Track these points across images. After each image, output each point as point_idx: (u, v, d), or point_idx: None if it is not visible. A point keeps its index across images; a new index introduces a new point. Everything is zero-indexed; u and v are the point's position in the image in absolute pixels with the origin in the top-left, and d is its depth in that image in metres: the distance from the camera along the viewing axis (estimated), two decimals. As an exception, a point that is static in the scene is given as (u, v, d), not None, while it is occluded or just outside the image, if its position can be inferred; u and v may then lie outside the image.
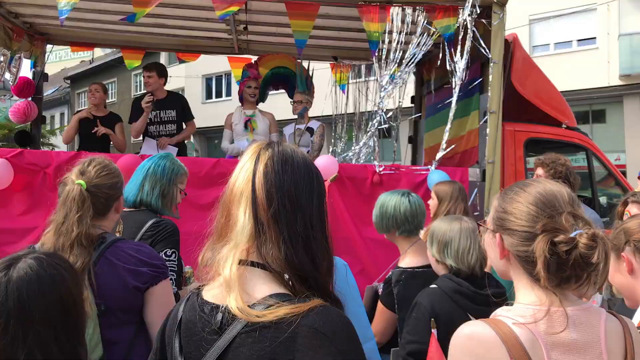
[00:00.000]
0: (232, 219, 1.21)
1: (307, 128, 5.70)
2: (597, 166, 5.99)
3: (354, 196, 4.72)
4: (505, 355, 1.25)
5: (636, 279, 1.80)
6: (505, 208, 1.42)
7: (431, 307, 2.29)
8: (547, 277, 1.29)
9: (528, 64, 5.70)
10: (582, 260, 1.27)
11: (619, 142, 18.24)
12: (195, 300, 1.26)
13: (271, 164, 1.22)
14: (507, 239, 1.39)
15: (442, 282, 2.40)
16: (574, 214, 1.33)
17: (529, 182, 1.45)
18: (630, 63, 17.73)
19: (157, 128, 5.91)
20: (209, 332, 1.18)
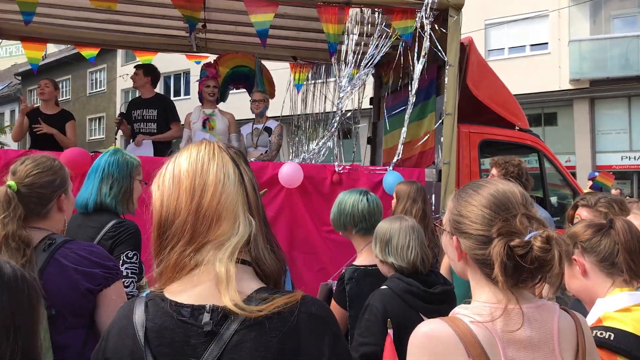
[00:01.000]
0: (214, 219, 1.17)
1: (265, 127, 5.67)
2: (549, 167, 6.18)
3: (313, 196, 4.74)
4: (463, 353, 1.26)
5: (590, 279, 1.84)
6: (460, 211, 1.42)
7: (383, 309, 2.31)
8: (504, 280, 1.31)
9: (483, 67, 5.82)
10: (537, 263, 1.29)
11: (570, 144, 18.88)
12: (163, 305, 1.15)
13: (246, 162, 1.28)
14: (464, 242, 1.40)
15: (392, 282, 2.41)
16: (527, 215, 1.35)
17: (482, 183, 1.46)
18: (580, 68, 18.39)
19: (139, 126, 6.00)
20: (197, 336, 1.11)
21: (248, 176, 1.25)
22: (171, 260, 1.18)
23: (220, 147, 1.26)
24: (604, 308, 1.76)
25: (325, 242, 4.63)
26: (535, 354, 1.32)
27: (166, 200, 1.21)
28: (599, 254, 1.80)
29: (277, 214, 4.67)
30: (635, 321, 1.67)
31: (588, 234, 1.83)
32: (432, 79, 5.43)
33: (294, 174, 4.62)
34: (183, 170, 1.21)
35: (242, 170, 1.24)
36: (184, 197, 1.19)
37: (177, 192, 1.20)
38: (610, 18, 19.15)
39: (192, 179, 1.20)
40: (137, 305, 1.18)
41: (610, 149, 18.76)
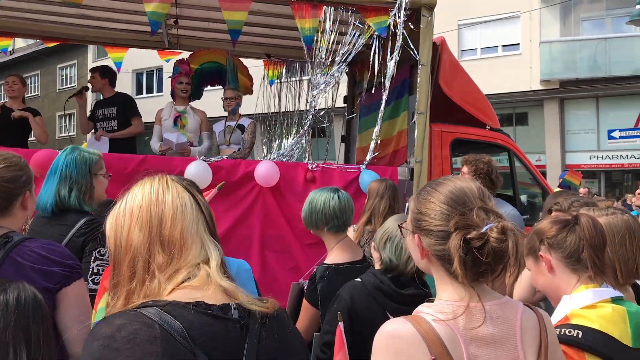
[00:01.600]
0: (181, 245, 1.23)
1: (238, 125, 5.63)
2: (519, 166, 6.27)
3: (286, 194, 4.71)
4: (425, 352, 1.27)
5: (556, 276, 1.86)
6: (420, 209, 1.45)
7: (351, 300, 2.33)
8: (464, 274, 1.32)
9: (454, 66, 5.88)
10: (495, 254, 1.31)
11: (540, 143, 19.23)
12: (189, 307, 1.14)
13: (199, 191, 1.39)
14: (425, 239, 1.42)
15: (366, 277, 2.43)
16: (484, 208, 1.37)
17: (441, 181, 1.48)
18: (550, 69, 18.73)
19: (101, 125, 6.03)
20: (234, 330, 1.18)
21: (203, 204, 1.33)
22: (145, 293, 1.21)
23: (172, 179, 1.33)
24: (570, 306, 1.78)
25: (298, 240, 4.61)
26: (498, 351, 1.33)
27: (121, 236, 1.25)
28: (565, 250, 1.82)
29: (249, 212, 4.64)
30: (601, 318, 1.70)
31: (554, 230, 1.85)
32: (405, 78, 5.46)
33: (271, 173, 4.59)
34: (136, 205, 1.26)
35: (197, 199, 1.31)
36: (143, 229, 1.23)
37: (134, 225, 1.24)
38: (579, 20, 19.55)
39: (148, 211, 1.25)
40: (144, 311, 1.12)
41: (579, 148, 19.16)
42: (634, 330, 1.71)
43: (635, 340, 1.70)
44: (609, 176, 19.65)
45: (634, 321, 1.72)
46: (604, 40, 18.40)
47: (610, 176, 19.68)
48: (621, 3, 18.11)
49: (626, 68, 17.71)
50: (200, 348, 1.10)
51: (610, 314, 1.71)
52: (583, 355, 1.64)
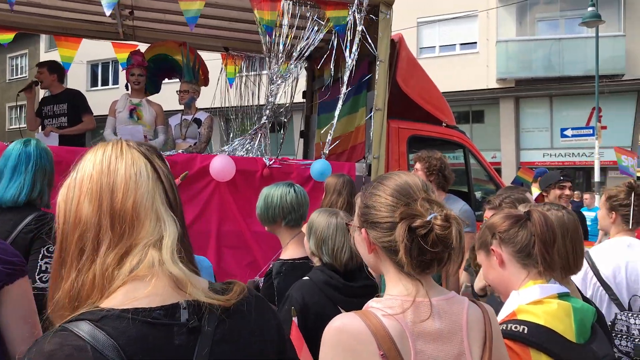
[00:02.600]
0: (133, 219, 1.11)
1: (195, 119, 5.54)
2: (474, 163, 6.39)
3: (243, 189, 4.67)
4: (374, 347, 1.28)
5: (507, 270, 1.88)
6: (366, 203, 1.46)
7: (302, 299, 2.32)
8: (410, 263, 1.34)
9: (412, 63, 5.94)
10: (439, 241, 1.33)
11: (496, 141, 19.66)
12: (125, 315, 1.03)
13: (160, 158, 1.22)
14: (372, 232, 1.43)
15: (314, 274, 2.43)
16: (428, 199, 1.40)
17: (387, 175, 1.51)
18: (506, 68, 19.16)
19: (50, 122, 5.87)
20: (180, 336, 1.05)
21: (164, 172, 1.19)
22: (95, 272, 1.08)
23: (129, 145, 1.19)
24: (518, 301, 1.81)
25: (254, 236, 4.58)
26: (444, 346, 1.35)
27: (71, 208, 1.13)
28: (516, 245, 1.85)
29: (205, 207, 4.58)
30: (547, 314, 1.73)
31: (506, 225, 1.87)
32: (364, 75, 5.48)
33: (226, 167, 4.54)
34: (87, 174, 1.14)
35: (156, 167, 1.18)
36: (92, 201, 1.11)
37: (84, 197, 1.12)
38: (535, 21, 20.04)
39: (99, 181, 1.12)
40: (76, 328, 1.00)
41: (533, 146, 19.69)
42: (578, 325, 1.75)
43: (579, 336, 1.74)
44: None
45: (579, 317, 1.76)
46: (558, 41, 18.92)
47: (562, 173, 20.27)
48: (574, 5, 18.66)
49: (579, 68, 18.26)
50: None
51: (556, 309, 1.75)
52: (528, 351, 1.67)
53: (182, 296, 1.09)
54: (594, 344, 1.76)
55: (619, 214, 3.05)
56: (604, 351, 1.75)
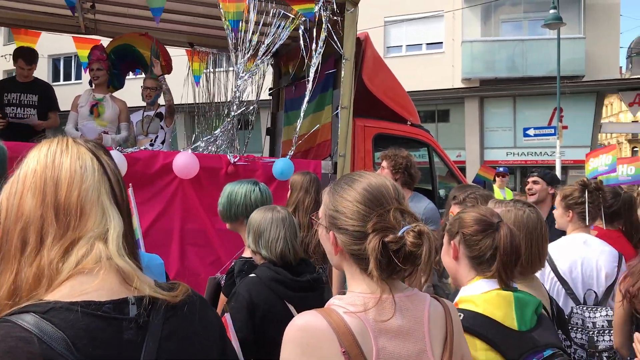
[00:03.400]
0: (77, 213, 1.10)
1: (157, 114, 5.46)
2: (438, 161, 6.47)
3: (207, 187, 4.61)
4: (336, 345, 1.28)
5: (459, 265, 1.94)
6: (335, 207, 1.44)
7: (249, 296, 2.31)
8: (379, 275, 1.34)
9: (378, 62, 5.97)
10: (410, 257, 1.34)
11: (460, 140, 19.95)
12: (73, 308, 1.00)
13: (107, 154, 1.21)
14: (340, 237, 1.42)
15: (260, 271, 2.43)
16: (400, 209, 1.39)
17: (355, 177, 1.48)
18: (471, 68, 19.47)
19: (14, 110, 5.59)
20: (128, 331, 1.05)
21: (110, 167, 1.18)
22: (39, 265, 1.06)
23: (75, 141, 1.19)
24: (462, 293, 1.88)
25: (218, 234, 4.53)
26: (406, 342, 1.36)
27: (13, 203, 1.11)
28: (473, 251, 1.88)
29: (169, 205, 4.51)
30: (486, 302, 1.78)
31: (473, 229, 1.89)
32: (330, 72, 5.48)
33: (190, 165, 4.48)
34: (30, 169, 1.13)
35: (102, 161, 1.17)
36: (36, 195, 1.10)
37: (27, 191, 1.11)
38: (499, 22, 20.41)
39: (43, 175, 1.12)
40: (20, 320, 0.97)
41: (496, 145, 20.05)
42: (519, 313, 1.79)
43: (520, 324, 1.78)
44: (524, 172, 20.69)
45: (519, 305, 1.80)
46: (521, 42, 19.31)
47: (525, 172, 20.71)
48: (538, 7, 19.07)
49: (541, 69, 18.68)
50: (88, 359, 0.98)
51: (495, 297, 1.79)
52: None
53: (130, 291, 1.09)
54: (535, 332, 1.80)
55: (575, 212, 3.13)
56: (546, 339, 1.79)
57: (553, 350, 1.76)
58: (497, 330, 1.74)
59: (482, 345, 1.71)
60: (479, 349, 1.71)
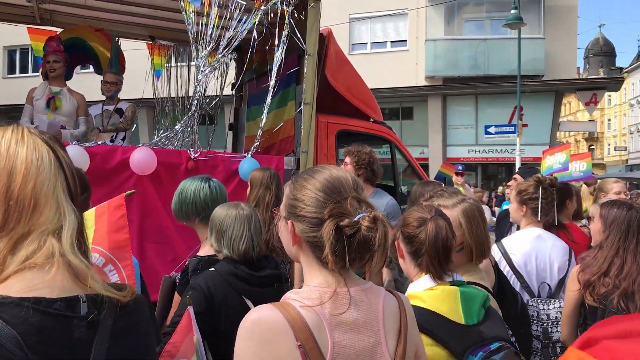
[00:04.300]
0: (31, 205, 1.06)
1: (117, 109, 5.34)
2: (400, 158, 6.52)
3: (167, 183, 4.54)
4: (291, 338, 1.28)
5: (405, 263, 1.99)
6: (295, 195, 1.45)
7: (207, 288, 2.29)
8: (334, 261, 1.34)
9: (341, 58, 5.97)
10: (364, 242, 1.34)
11: (424, 137, 20.20)
12: (25, 304, 0.98)
13: (63, 148, 1.18)
14: (298, 225, 1.42)
15: (220, 265, 2.41)
16: (357, 198, 1.40)
17: (318, 169, 1.49)
18: (434, 66, 19.71)
19: None
20: (79, 329, 1.03)
21: (66, 162, 1.15)
22: None
23: (30, 132, 1.15)
24: (410, 289, 1.92)
25: (178, 231, 4.46)
26: (361, 335, 1.36)
27: None
28: (412, 247, 1.92)
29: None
30: (431, 298, 1.81)
31: (411, 226, 1.93)
32: (293, 68, 5.46)
33: (148, 160, 4.40)
34: None
35: (58, 155, 1.14)
36: None
37: None
38: (462, 21, 20.70)
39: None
40: None
41: (459, 142, 20.37)
42: (465, 307, 1.82)
43: (467, 318, 1.81)
44: (485, 169, 21.11)
45: (465, 299, 1.83)
46: (484, 41, 19.64)
47: (486, 169, 21.14)
48: (500, 7, 19.42)
49: (502, 68, 19.05)
50: (38, 357, 0.96)
51: (439, 293, 1.83)
52: None
53: (82, 288, 1.07)
54: (482, 325, 1.83)
55: (529, 207, 3.20)
56: (493, 332, 1.82)
57: (500, 344, 1.78)
58: (443, 325, 1.77)
59: (428, 340, 1.73)
60: (425, 344, 1.72)
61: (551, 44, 19.14)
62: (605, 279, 2.53)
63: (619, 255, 2.54)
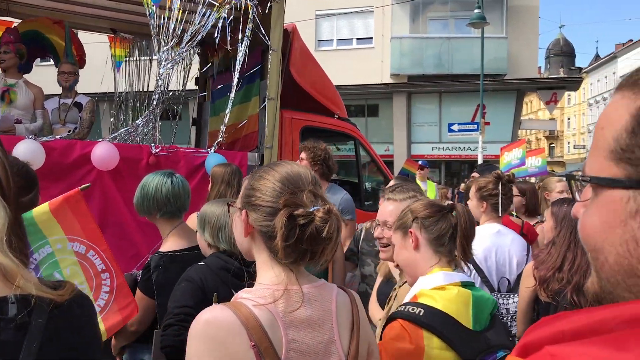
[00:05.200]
0: None
1: (75, 103, 5.20)
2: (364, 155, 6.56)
3: (127, 178, 4.45)
4: (245, 338, 1.26)
5: (420, 253, 1.95)
6: (253, 185, 1.44)
7: (200, 280, 2.29)
8: (284, 251, 1.33)
9: (305, 54, 5.96)
10: (317, 234, 1.33)
11: (389, 134, 20.36)
12: None
13: None
14: (252, 214, 1.41)
15: (210, 260, 2.40)
16: (314, 192, 1.40)
17: (279, 162, 1.49)
18: (399, 64, 19.87)
19: None
20: (6, 332, 0.99)
21: (0, 159, 1.10)
22: None
23: None
24: (422, 286, 1.88)
25: (139, 227, 4.39)
26: (315, 333, 1.36)
27: None
28: (434, 232, 1.92)
29: (87, 197, 4.31)
30: (446, 299, 1.80)
31: (428, 212, 1.94)
32: (257, 63, 5.42)
33: (110, 155, 4.30)
34: None
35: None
36: None
37: None
38: (427, 20, 20.92)
39: None
40: None
41: (423, 140, 20.60)
42: (474, 313, 1.82)
43: (475, 323, 1.81)
44: (449, 166, 21.40)
45: (477, 305, 1.84)
46: (448, 40, 19.90)
47: (450, 166, 21.43)
48: (464, 7, 19.70)
49: (466, 67, 19.34)
50: None
51: (455, 296, 1.82)
52: (421, 332, 1.73)
53: (11, 289, 1.02)
54: (489, 332, 1.84)
55: (489, 203, 3.26)
56: (498, 340, 1.83)
57: (505, 352, 1.78)
58: (455, 329, 1.76)
59: (439, 343, 1.72)
60: (435, 347, 1.72)
61: (513, 43, 19.52)
62: (559, 274, 2.59)
63: (570, 250, 2.60)
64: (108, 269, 2.54)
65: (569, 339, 0.56)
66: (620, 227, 0.65)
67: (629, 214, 0.64)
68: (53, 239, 2.38)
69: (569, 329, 0.58)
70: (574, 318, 0.59)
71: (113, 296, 2.52)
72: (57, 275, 2.37)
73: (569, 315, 0.60)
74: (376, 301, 2.89)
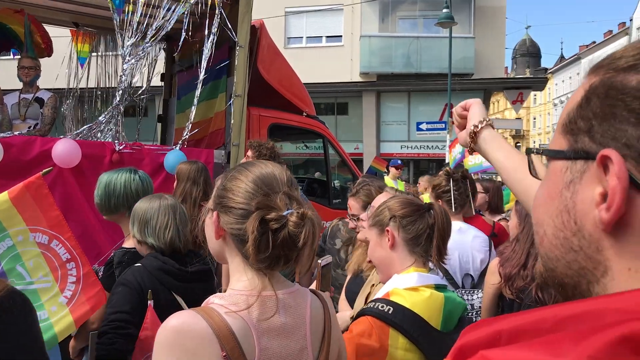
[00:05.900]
0: None
1: (36, 98, 5.06)
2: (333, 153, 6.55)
3: (90, 176, 4.34)
4: (216, 347, 1.20)
5: (396, 252, 1.92)
6: (225, 185, 1.38)
7: (137, 284, 2.21)
8: (256, 256, 1.26)
9: (273, 51, 5.92)
10: (290, 239, 1.27)
11: (359, 132, 20.42)
12: None
13: None
14: (224, 217, 1.35)
15: (147, 260, 2.32)
16: (289, 194, 1.33)
17: (254, 162, 1.43)
18: (369, 62, 19.94)
19: None
20: None
21: None
22: None
23: None
24: (395, 284, 1.86)
25: (102, 225, 4.30)
26: (288, 340, 1.31)
27: None
28: (411, 232, 1.90)
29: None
30: (417, 300, 1.78)
31: (406, 211, 1.92)
32: (224, 59, 5.36)
33: (71, 152, 4.20)
34: None
35: None
36: None
37: None
38: (396, 19, 21.04)
39: None
40: None
41: (392, 138, 20.73)
42: (446, 315, 1.81)
43: (444, 325, 1.81)
44: (417, 164, 21.58)
45: (448, 308, 1.83)
46: (417, 39, 20.04)
47: (418, 164, 21.61)
48: (433, 6, 19.86)
49: (434, 66, 19.51)
50: None
51: (427, 298, 1.80)
52: (387, 330, 1.71)
53: None
54: (456, 334, 1.84)
55: (444, 200, 3.28)
56: None
57: None
58: (423, 329, 1.74)
59: (405, 344, 1.70)
60: (399, 347, 1.70)
61: (481, 43, 19.78)
62: (524, 271, 2.61)
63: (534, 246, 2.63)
64: (73, 258, 2.45)
65: (506, 341, 0.54)
66: (557, 197, 0.64)
67: (565, 183, 0.63)
68: (13, 230, 2.29)
69: (506, 329, 0.55)
70: (514, 318, 0.57)
71: (80, 286, 2.44)
72: (19, 269, 2.29)
73: (510, 315, 0.58)
74: (345, 299, 2.89)
